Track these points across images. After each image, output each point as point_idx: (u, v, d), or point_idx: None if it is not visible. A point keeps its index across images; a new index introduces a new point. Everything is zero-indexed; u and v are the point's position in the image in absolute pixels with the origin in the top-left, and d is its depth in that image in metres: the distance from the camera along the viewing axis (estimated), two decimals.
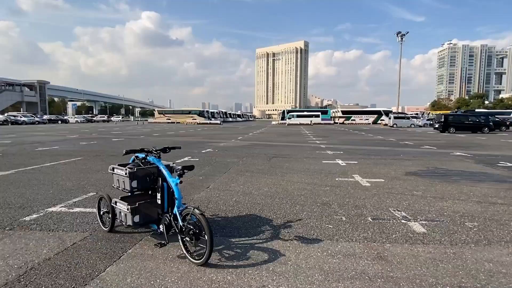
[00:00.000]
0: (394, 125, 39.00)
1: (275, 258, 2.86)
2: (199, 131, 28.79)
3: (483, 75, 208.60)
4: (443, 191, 5.54)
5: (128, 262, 2.80)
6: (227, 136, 21.51)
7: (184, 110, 66.46)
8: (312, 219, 4.00)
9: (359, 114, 61.09)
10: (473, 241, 3.28)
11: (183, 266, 2.73)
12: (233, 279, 2.51)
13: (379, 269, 2.66)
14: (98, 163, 8.75)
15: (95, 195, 5.21)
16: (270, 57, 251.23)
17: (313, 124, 51.70)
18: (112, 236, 3.43)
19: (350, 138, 19.91)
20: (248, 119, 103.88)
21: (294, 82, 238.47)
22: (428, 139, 18.92)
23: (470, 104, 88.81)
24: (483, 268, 2.71)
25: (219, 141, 16.83)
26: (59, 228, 3.72)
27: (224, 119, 67.60)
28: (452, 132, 25.15)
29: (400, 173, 7.31)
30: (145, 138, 18.80)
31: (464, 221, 3.90)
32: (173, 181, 3.02)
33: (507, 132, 26.96)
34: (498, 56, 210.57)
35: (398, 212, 4.27)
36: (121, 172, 3.25)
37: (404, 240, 3.32)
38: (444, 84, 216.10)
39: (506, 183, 6.21)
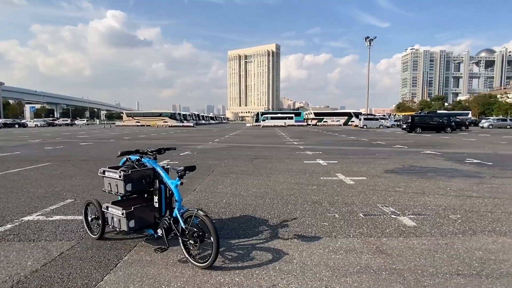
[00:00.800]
0: (364, 126, 40.59)
1: (279, 257, 2.85)
2: (173, 134, 28.12)
3: (443, 78, 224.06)
4: (422, 186, 5.84)
5: (127, 270, 2.65)
6: (203, 138, 21.21)
7: (155, 112, 64.43)
8: (306, 217, 4.04)
9: (331, 116, 62.93)
10: (460, 232, 3.48)
11: (187, 270, 2.63)
12: (241, 280, 2.46)
13: (381, 263, 2.73)
14: (69, 168, 8.25)
15: (74, 202, 4.90)
16: (242, 59, 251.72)
17: (287, 126, 52.49)
18: (103, 244, 3.23)
19: (326, 139, 20.42)
20: (222, 121, 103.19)
21: (266, 85, 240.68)
22: (398, 139, 19.89)
23: (432, 106, 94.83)
24: (475, 256, 2.87)
25: (196, 143, 16.54)
26: (41, 237, 3.44)
27: (197, 121, 66.46)
28: (418, 132, 26.66)
29: (380, 171, 7.60)
30: (116, 142, 18.00)
31: (448, 214, 4.13)
32: (173, 183, 2.91)
33: (467, 131, 29.07)
34: (455, 61, 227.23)
35: (386, 208, 4.43)
36: (114, 175, 3.07)
37: (398, 233, 3.44)
38: (408, 87, 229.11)
39: (476, 178, 6.66)
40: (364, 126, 40.70)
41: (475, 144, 15.74)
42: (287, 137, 21.95)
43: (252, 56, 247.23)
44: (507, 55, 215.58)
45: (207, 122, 78.90)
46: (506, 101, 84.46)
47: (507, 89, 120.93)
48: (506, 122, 39.65)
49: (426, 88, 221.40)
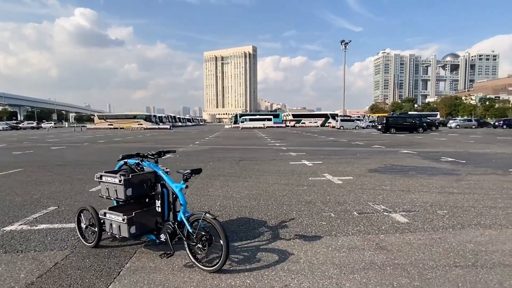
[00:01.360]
0: (341, 127, 41.71)
1: (285, 258, 2.87)
2: (149, 136, 27.35)
3: (412, 81, 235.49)
4: (407, 184, 6.09)
5: (132, 277, 2.56)
6: (182, 141, 20.86)
7: (129, 114, 62.34)
8: (304, 217, 4.09)
9: (308, 118, 64.16)
10: (450, 226, 3.67)
11: (195, 275, 2.59)
12: (252, 282, 2.45)
13: (384, 258, 2.83)
14: (45, 174, 7.82)
15: (58, 209, 4.66)
16: (219, 60, 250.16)
17: (266, 127, 52.83)
18: (100, 252, 3.10)
19: (306, 140, 20.76)
20: (199, 123, 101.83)
21: (244, 86, 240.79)
22: (375, 139, 20.61)
23: (403, 107, 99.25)
24: (467, 248, 3.05)
25: (176, 146, 16.22)
26: (29, 248, 3.24)
27: (173, 123, 65.04)
28: (392, 132, 27.78)
29: (364, 170, 7.85)
30: (90, 146, 17.25)
31: (436, 210, 4.34)
32: (177, 187, 2.85)
33: (437, 131, 30.67)
34: (423, 64, 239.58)
35: (377, 206, 4.58)
36: (112, 180, 2.96)
37: (394, 230, 3.58)
38: (380, 89, 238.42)
39: (453, 175, 7.05)
40: (341, 127, 41.82)
41: (446, 143, 16.64)
42: (268, 139, 22.08)
43: (229, 57, 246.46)
44: (470, 60, 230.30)
45: (183, 124, 77.46)
46: (470, 102, 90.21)
47: (471, 92, 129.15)
48: (471, 122, 42.44)
49: (397, 90, 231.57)
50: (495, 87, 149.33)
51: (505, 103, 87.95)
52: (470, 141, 17.71)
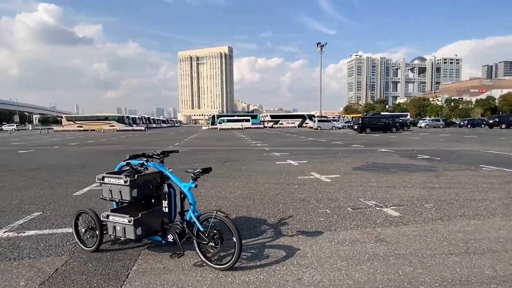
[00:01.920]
0: (318, 128, 42.65)
1: (293, 253, 2.94)
2: (124, 138, 26.43)
3: (383, 83, 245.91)
4: (391, 181, 6.39)
5: (142, 279, 2.52)
6: (161, 142, 20.45)
7: (100, 116, 59.73)
8: (301, 214, 4.19)
9: (286, 118, 65.04)
10: (438, 218, 3.92)
11: (207, 273, 2.59)
12: (266, 277, 2.49)
13: (385, 250, 2.98)
14: (19, 179, 7.40)
15: (43, 214, 4.45)
16: (194, 60, 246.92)
17: (245, 128, 52.86)
18: (101, 256, 3.00)
19: (287, 140, 21.05)
20: (174, 124, 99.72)
21: (220, 87, 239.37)
22: (353, 139, 21.29)
23: (375, 108, 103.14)
24: (458, 237, 3.28)
25: (155, 148, 15.83)
26: (22, 255, 3.08)
27: (147, 125, 63.16)
28: (368, 132, 28.83)
29: (348, 168, 8.12)
30: (62, 149, 16.41)
31: (422, 204, 4.60)
32: (185, 186, 2.84)
33: (409, 131, 32.20)
34: (393, 67, 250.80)
35: (368, 201, 4.78)
36: (117, 181, 2.88)
37: (388, 223, 3.76)
38: (354, 90, 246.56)
39: (432, 171, 7.48)
40: (318, 128, 42.75)
41: (419, 142, 17.54)
42: (249, 139, 22.14)
43: (204, 57, 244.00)
44: (436, 63, 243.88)
45: (158, 125, 75.50)
46: (436, 103, 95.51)
47: (437, 93, 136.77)
48: (439, 122, 45.10)
49: (369, 91, 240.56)
50: (458, 89, 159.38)
51: (468, 104, 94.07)
52: (441, 140, 18.78)
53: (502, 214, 4.04)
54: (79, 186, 6.44)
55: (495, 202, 4.64)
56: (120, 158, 2.93)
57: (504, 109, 79.94)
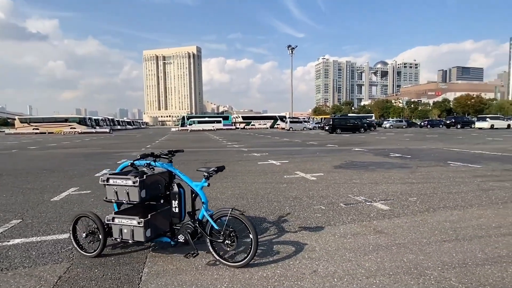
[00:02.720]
0: (290, 129, 43.42)
1: (301, 248, 3.03)
2: (89, 141, 24.85)
3: (349, 85, 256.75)
4: (372, 178, 6.73)
5: (158, 281, 2.47)
6: (131, 145, 19.67)
7: (59, 117, 55.65)
8: (298, 211, 4.30)
9: (258, 120, 65.47)
10: (425, 210, 4.22)
11: (224, 271, 2.60)
12: (283, 272, 2.56)
13: (386, 240, 3.17)
14: None
15: (24, 222, 4.16)
16: (160, 60, 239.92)
17: (216, 129, 52.36)
18: (104, 261, 2.89)
19: (262, 141, 21.23)
20: (140, 126, 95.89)
21: (188, 87, 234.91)
22: (326, 139, 21.99)
23: (342, 110, 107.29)
24: (446, 226, 3.57)
25: (128, 150, 15.25)
26: (14, 265, 2.87)
27: (111, 127, 60.10)
28: (338, 133, 29.91)
29: (330, 167, 8.41)
30: (23, 153, 15.12)
31: (407, 198, 4.93)
32: (197, 185, 2.83)
33: (376, 131, 33.87)
34: (358, 71, 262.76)
35: (357, 197, 5.02)
36: (124, 182, 2.78)
37: (382, 216, 3.99)
38: (321, 92, 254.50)
39: (406, 168, 7.98)
40: (290, 129, 43.53)
41: (387, 141, 18.54)
42: (224, 141, 22.03)
43: (171, 57, 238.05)
44: (397, 67, 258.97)
45: (123, 127, 72.04)
46: (398, 105, 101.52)
47: (398, 96, 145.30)
48: (402, 123, 48.06)
49: (336, 93, 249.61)
50: (417, 92, 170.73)
51: (426, 106, 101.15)
52: (406, 139, 20.00)
53: (478, 205, 4.45)
54: (55, 192, 6.07)
55: (469, 194, 5.09)
56: (99, 162, 2.80)
57: (457, 111, 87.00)
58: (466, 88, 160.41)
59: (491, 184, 5.81)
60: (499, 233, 3.34)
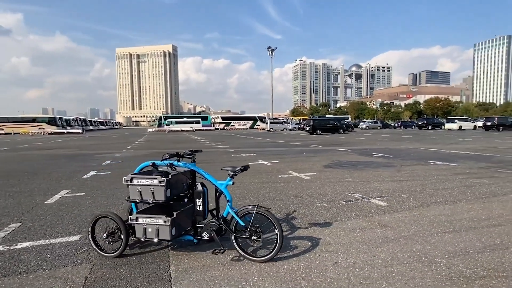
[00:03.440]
0: (271, 129, 43.82)
1: (317, 242, 3.21)
2: (62, 142, 23.59)
3: (325, 87, 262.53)
4: (363, 176, 7.07)
5: (189, 278, 2.54)
6: (109, 146, 19.02)
7: (26, 117, 52.31)
8: (303, 209, 4.49)
9: (237, 120, 65.52)
10: (419, 205, 4.55)
11: (250, 266, 2.71)
12: (306, 264, 2.72)
13: (393, 233, 3.42)
14: None
15: (24, 225, 4.04)
16: (134, 58, 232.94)
17: (195, 130, 51.78)
18: (126, 261, 2.90)
19: (246, 142, 21.35)
20: (114, 126, 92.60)
21: (163, 87, 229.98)
22: (308, 139, 22.48)
23: (319, 111, 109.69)
24: (442, 219, 3.89)
25: (109, 151, 14.75)
26: (32, 268, 2.82)
27: (83, 127, 57.49)
28: (319, 133, 30.65)
29: (320, 166, 8.71)
30: None
31: (400, 194, 5.26)
32: (222, 184, 2.93)
33: (353, 132, 35.04)
34: (334, 73, 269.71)
35: (354, 194, 5.29)
36: (149, 182, 2.82)
37: (382, 212, 4.26)
38: (299, 94, 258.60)
39: (392, 167, 8.42)
40: (271, 129, 43.95)
41: (367, 141, 19.29)
42: (207, 142, 21.93)
43: (146, 55, 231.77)
44: (370, 70, 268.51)
45: (96, 127, 69.18)
46: (372, 107, 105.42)
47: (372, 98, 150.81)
48: (377, 124, 50.20)
49: (313, 95, 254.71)
50: (390, 94, 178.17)
51: (398, 108, 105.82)
52: (384, 140, 20.90)
53: (465, 200, 4.85)
54: (46, 194, 5.88)
55: (455, 190, 5.51)
56: (77, 164, 2.81)
57: (427, 112, 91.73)
58: (434, 91, 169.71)
59: (471, 181, 6.31)
60: (490, 224, 3.70)
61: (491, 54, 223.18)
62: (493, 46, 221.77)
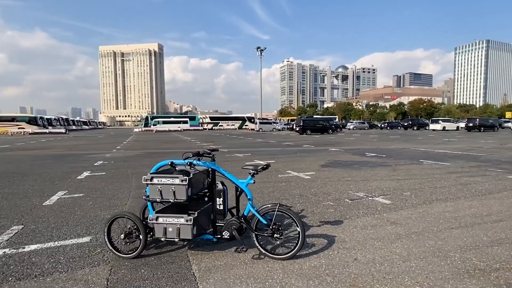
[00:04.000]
0: (260, 129, 43.93)
1: (333, 240, 3.27)
2: (47, 142, 22.71)
3: (312, 88, 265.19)
4: (361, 175, 7.21)
5: (214, 277, 2.54)
6: (97, 146, 18.55)
7: (4, 116, 50.24)
8: (311, 207, 4.55)
9: (226, 120, 65.33)
10: (422, 203, 4.69)
11: (273, 264, 2.74)
12: (328, 261, 2.77)
13: (404, 230, 3.53)
14: None
15: (27, 228, 3.93)
16: (119, 56, 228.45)
17: (183, 130, 51.26)
18: (145, 262, 2.87)
19: (238, 142, 21.33)
20: (97, 126, 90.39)
21: (149, 86, 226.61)
22: (299, 140, 22.67)
23: (307, 111, 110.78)
24: (447, 216, 4.03)
25: (98, 152, 14.38)
26: (47, 271, 2.75)
27: (66, 127, 55.70)
28: (308, 133, 30.96)
29: (317, 166, 8.82)
30: None
31: (402, 192, 5.40)
32: (243, 183, 2.95)
33: (342, 132, 35.58)
34: (321, 74, 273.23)
35: (358, 193, 5.40)
36: (170, 181, 2.81)
37: (388, 209, 4.37)
38: (286, 94, 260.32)
39: (387, 166, 8.63)
40: (260, 129, 44.06)
41: (357, 142, 19.64)
42: (197, 142, 21.78)
43: (131, 54, 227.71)
44: (356, 72, 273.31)
45: (79, 127, 67.25)
46: (359, 108, 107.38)
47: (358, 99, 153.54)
48: (364, 124, 51.26)
49: (300, 96, 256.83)
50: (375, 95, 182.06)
51: (384, 109, 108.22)
52: (374, 140, 21.33)
53: (463, 197, 5.03)
54: (42, 196, 5.72)
55: (452, 188, 5.71)
56: (67, 164, 2.76)
57: (411, 114, 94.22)
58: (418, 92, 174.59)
59: (465, 179, 6.55)
60: (491, 220, 3.86)
61: (471, 58, 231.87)
62: (473, 50, 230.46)
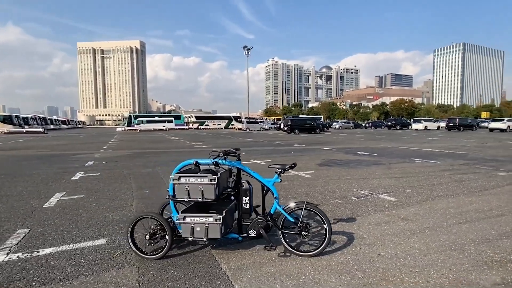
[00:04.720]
0: (247, 129, 43.96)
1: (352, 237, 3.36)
2: (26, 142, 21.54)
3: (297, 88, 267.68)
4: (359, 174, 7.39)
5: (247, 275, 2.57)
6: (81, 146, 17.90)
7: None
8: (320, 205, 4.61)
9: (212, 120, 64.90)
10: (425, 199, 4.88)
11: (301, 261, 2.79)
12: (353, 257, 2.85)
13: (415, 226, 3.67)
14: None
15: (34, 231, 3.82)
16: (98, 53, 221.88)
17: (168, 129, 50.50)
18: (172, 262, 2.85)
19: (227, 141, 21.28)
20: (76, 126, 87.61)
21: (130, 84, 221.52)
22: (288, 139, 22.86)
23: (292, 111, 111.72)
24: (452, 211, 4.22)
25: (86, 152, 13.94)
26: (71, 274, 2.69)
27: (44, 126, 53.51)
28: (296, 133, 31.26)
29: (314, 165, 8.95)
30: None
31: (404, 190, 5.59)
32: (269, 182, 3.00)
33: (329, 132, 36.14)
34: (305, 74, 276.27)
35: (362, 191, 5.54)
36: (198, 180, 2.81)
37: (396, 206, 4.52)
38: (271, 94, 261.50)
39: (382, 165, 8.88)
40: (247, 129, 44.10)
41: (346, 141, 20.03)
42: (186, 141, 21.55)
43: (111, 51, 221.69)
44: (340, 72, 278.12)
45: (57, 126, 64.81)
46: (343, 108, 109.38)
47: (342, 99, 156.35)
48: (349, 124, 52.37)
49: (285, 95, 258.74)
50: (358, 96, 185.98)
51: (367, 108, 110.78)
52: (361, 139, 21.81)
53: (462, 193, 5.27)
54: (40, 198, 5.55)
55: (450, 185, 5.97)
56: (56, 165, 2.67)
57: (393, 113, 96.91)
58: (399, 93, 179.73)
59: (459, 177, 6.85)
60: (494, 214, 4.08)
61: (449, 60, 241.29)
62: (451, 52, 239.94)
